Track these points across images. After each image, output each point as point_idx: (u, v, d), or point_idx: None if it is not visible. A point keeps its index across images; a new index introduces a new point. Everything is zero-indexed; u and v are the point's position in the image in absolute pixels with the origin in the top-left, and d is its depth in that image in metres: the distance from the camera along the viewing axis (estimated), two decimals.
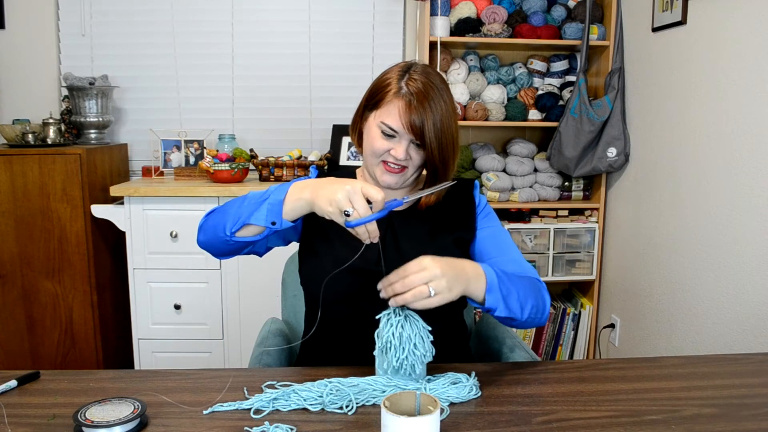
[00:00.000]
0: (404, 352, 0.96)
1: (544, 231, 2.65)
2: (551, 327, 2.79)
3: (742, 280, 1.84)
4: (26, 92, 2.69)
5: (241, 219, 1.02)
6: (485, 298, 1.00)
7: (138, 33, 2.71)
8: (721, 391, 0.99)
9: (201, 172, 2.50)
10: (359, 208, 0.92)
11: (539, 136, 2.90)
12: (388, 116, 1.12)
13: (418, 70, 1.14)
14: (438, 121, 1.10)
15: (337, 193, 0.93)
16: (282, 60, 2.78)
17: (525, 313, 1.05)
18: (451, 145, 1.14)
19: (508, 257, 1.18)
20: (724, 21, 1.90)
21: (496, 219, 1.27)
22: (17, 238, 2.29)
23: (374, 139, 1.14)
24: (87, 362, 2.39)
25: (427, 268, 0.92)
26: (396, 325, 0.96)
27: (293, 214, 0.99)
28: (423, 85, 1.11)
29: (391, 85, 1.13)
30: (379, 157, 1.15)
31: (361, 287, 1.12)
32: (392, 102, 1.12)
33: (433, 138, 1.10)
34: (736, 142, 1.85)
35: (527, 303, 1.06)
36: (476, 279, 0.99)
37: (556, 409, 0.92)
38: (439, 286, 0.92)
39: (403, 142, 1.12)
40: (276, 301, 1.59)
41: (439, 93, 1.12)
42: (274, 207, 0.99)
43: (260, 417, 0.89)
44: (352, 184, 0.94)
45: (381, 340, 0.97)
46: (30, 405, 0.92)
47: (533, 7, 2.64)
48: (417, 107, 1.09)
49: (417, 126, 1.10)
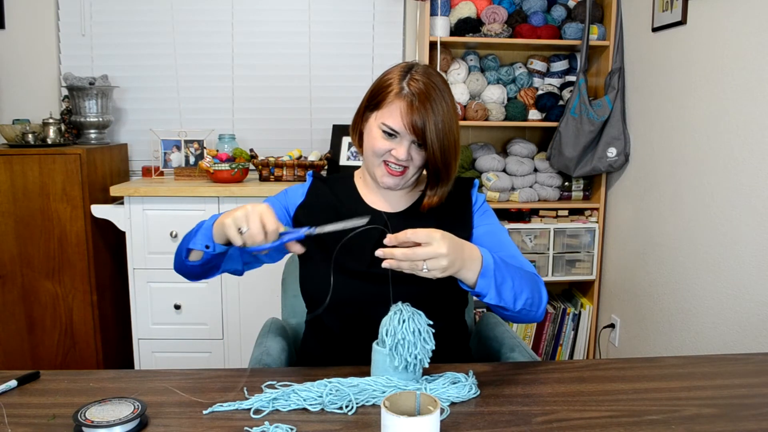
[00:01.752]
0: (417, 347, 0.95)
1: (544, 231, 2.65)
2: (551, 327, 2.79)
3: (742, 280, 1.84)
4: (26, 92, 2.69)
5: (184, 246, 1.10)
6: (477, 282, 0.98)
7: (138, 33, 2.71)
8: (721, 391, 0.99)
9: (201, 172, 2.50)
10: (252, 227, 0.95)
11: (539, 136, 2.90)
12: (389, 117, 1.12)
13: (419, 71, 1.14)
14: (440, 121, 1.10)
15: (239, 211, 0.97)
16: (282, 60, 2.78)
17: (518, 304, 1.04)
18: (453, 146, 1.13)
19: (506, 253, 1.18)
20: (724, 21, 1.90)
21: (494, 216, 1.27)
22: (17, 238, 2.29)
23: (375, 140, 1.14)
24: (87, 362, 2.39)
25: (432, 244, 0.91)
26: (408, 321, 0.96)
27: (219, 237, 1.04)
28: (424, 86, 1.11)
29: (392, 86, 1.13)
30: (380, 157, 1.15)
31: (357, 290, 1.12)
32: (393, 102, 1.12)
33: (434, 139, 1.10)
34: (736, 142, 1.85)
35: (522, 294, 1.04)
36: (471, 261, 0.97)
37: (556, 409, 0.92)
38: (437, 265, 0.91)
39: (405, 142, 1.12)
40: (276, 301, 1.59)
41: (440, 94, 1.12)
42: (206, 232, 1.06)
43: (260, 417, 0.89)
44: (254, 206, 0.97)
45: (395, 337, 0.96)
46: (30, 405, 0.92)
47: (533, 7, 2.64)
48: (419, 108, 1.09)
49: (418, 127, 1.09)
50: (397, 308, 0.98)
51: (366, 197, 1.25)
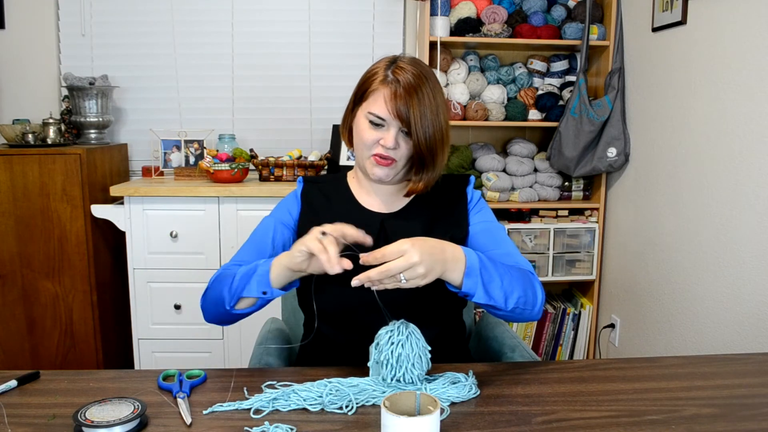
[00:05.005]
0: (401, 370, 0.95)
1: (544, 231, 2.65)
2: (551, 327, 2.79)
3: (742, 280, 1.84)
4: (26, 92, 2.69)
5: (236, 294, 1.06)
6: (463, 282, 0.97)
7: (138, 33, 2.71)
8: (721, 391, 0.99)
9: (201, 172, 2.50)
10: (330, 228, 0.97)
11: (539, 136, 2.90)
12: (374, 105, 1.12)
13: (405, 60, 1.15)
14: (425, 108, 1.09)
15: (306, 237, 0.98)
16: (282, 60, 2.78)
17: (510, 303, 1.02)
18: (439, 133, 1.12)
19: (503, 250, 1.16)
20: (724, 21, 1.90)
21: (491, 213, 1.25)
22: (17, 238, 2.29)
23: (363, 131, 1.14)
24: (87, 362, 2.39)
25: (404, 254, 0.90)
26: (396, 344, 0.95)
27: (278, 281, 1.04)
28: (409, 74, 1.11)
29: (377, 75, 1.13)
30: (369, 149, 1.14)
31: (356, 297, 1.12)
32: (378, 90, 1.12)
33: (419, 124, 1.09)
34: (736, 142, 1.85)
35: (513, 293, 1.02)
36: (454, 262, 0.96)
37: (556, 409, 0.92)
38: (414, 274, 0.91)
39: (392, 130, 1.11)
40: (276, 301, 1.58)
41: (426, 80, 1.11)
42: (263, 278, 1.04)
43: (260, 417, 0.89)
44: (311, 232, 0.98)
45: (379, 354, 0.96)
46: (30, 405, 0.92)
47: (533, 7, 2.64)
48: (402, 94, 1.09)
49: (403, 113, 1.09)
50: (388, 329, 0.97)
51: (360, 198, 1.24)
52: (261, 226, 1.23)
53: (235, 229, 2.36)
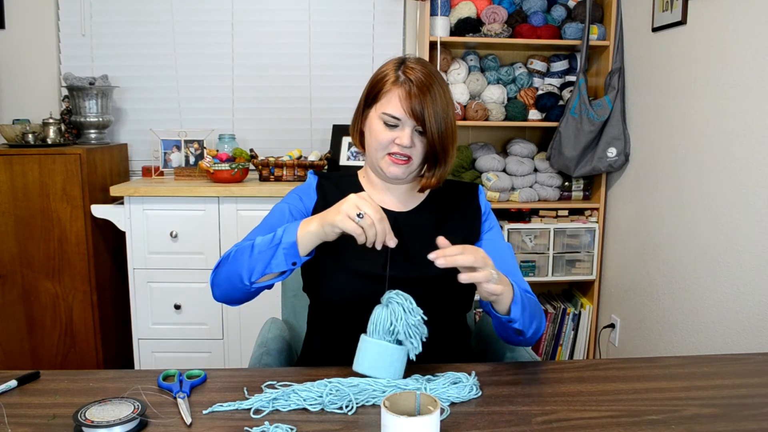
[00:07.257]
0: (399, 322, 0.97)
1: (544, 231, 2.65)
2: (551, 327, 2.79)
3: (742, 280, 1.84)
4: (26, 92, 2.69)
5: (257, 269, 1.04)
6: (510, 308, 1.02)
7: (138, 33, 2.71)
8: (721, 391, 0.99)
9: (201, 172, 2.50)
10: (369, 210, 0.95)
11: (539, 136, 2.90)
12: (388, 105, 1.14)
13: (412, 60, 1.18)
14: (438, 106, 1.12)
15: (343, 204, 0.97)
16: (282, 60, 2.78)
17: (530, 330, 1.09)
18: (451, 130, 1.16)
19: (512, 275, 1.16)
20: (724, 21, 1.90)
21: (500, 230, 1.30)
22: (17, 238, 2.29)
23: (378, 132, 1.15)
24: (87, 362, 2.39)
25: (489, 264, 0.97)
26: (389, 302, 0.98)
27: (305, 249, 1.03)
28: (420, 73, 1.13)
29: (388, 76, 1.15)
30: (384, 149, 1.15)
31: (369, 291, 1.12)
32: (391, 91, 1.14)
33: (433, 122, 1.12)
34: (736, 142, 1.85)
35: (534, 321, 1.09)
36: (507, 288, 1.01)
37: (556, 409, 0.92)
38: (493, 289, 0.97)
39: (407, 128, 1.14)
40: (276, 301, 1.59)
41: (435, 79, 1.15)
42: (290, 249, 1.02)
43: (260, 417, 0.89)
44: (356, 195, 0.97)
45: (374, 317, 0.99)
46: (30, 405, 0.92)
47: (533, 7, 2.64)
48: (417, 94, 1.11)
49: (418, 111, 1.11)
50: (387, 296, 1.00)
51: (374, 196, 1.25)
52: (275, 210, 1.23)
53: (235, 229, 2.36)
